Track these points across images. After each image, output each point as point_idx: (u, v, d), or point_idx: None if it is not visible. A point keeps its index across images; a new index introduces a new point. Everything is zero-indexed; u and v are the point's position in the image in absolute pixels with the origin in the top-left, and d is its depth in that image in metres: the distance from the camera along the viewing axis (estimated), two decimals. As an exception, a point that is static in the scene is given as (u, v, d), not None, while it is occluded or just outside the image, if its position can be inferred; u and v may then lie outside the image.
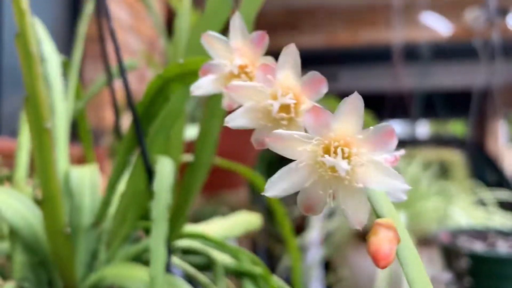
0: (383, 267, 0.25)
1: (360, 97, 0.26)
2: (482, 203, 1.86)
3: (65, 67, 0.75)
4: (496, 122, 5.98)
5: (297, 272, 0.82)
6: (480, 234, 1.20)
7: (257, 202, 3.59)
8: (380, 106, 3.02)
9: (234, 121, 0.30)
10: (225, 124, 0.30)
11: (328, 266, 2.20)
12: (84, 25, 0.75)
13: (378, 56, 3.76)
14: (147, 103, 0.46)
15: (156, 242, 0.42)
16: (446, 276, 1.08)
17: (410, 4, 3.08)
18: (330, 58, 4.56)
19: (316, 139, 0.27)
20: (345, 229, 1.88)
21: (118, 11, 2.22)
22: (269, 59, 0.33)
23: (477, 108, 2.38)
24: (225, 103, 0.34)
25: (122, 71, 0.52)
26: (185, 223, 0.57)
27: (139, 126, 0.48)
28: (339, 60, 4.68)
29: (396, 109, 3.03)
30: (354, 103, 0.26)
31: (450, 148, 2.99)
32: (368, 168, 0.26)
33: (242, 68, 0.33)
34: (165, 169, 0.47)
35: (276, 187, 0.28)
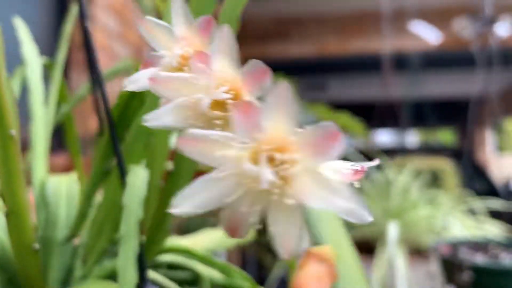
0: None
1: (289, 86, 0.20)
2: (472, 212, 1.85)
3: (49, 69, 0.72)
4: (484, 130, 6.02)
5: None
6: (480, 245, 1.17)
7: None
8: (370, 115, 3.01)
9: (157, 120, 0.26)
10: (143, 123, 0.25)
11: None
12: (69, 27, 0.72)
13: (368, 65, 3.77)
14: (122, 107, 0.43)
15: (124, 261, 0.38)
16: (449, 290, 1.05)
17: (399, 13, 3.09)
18: (319, 67, 4.56)
19: (241, 142, 0.21)
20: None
21: (106, 18, 2.20)
22: None
23: (472, 116, 2.38)
24: (163, 103, 0.28)
25: (97, 75, 0.49)
26: (167, 236, 0.53)
27: (114, 132, 0.45)
28: (328, 69, 4.69)
29: (386, 118, 3.03)
30: (283, 94, 0.20)
31: (440, 156, 2.99)
32: (305, 180, 0.21)
33: (185, 59, 0.28)
34: (137, 180, 0.43)
35: (187, 202, 0.22)
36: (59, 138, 0.82)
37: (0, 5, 1.52)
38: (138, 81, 0.29)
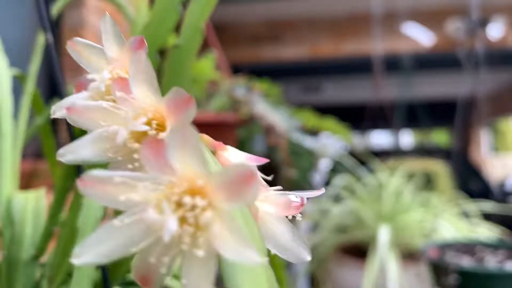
0: None
1: (190, 126, 0.18)
2: (466, 214, 1.84)
3: (22, 81, 0.69)
4: (479, 131, 6.03)
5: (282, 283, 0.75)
6: (467, 247, 1.16)
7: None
8: (364, 117, 3.00)
9: (72, 153, 0.23)
10: (58, 158, 0.23)
11: (312, 280, 2.14)
12: (42, 38, 0.69)
13: (361, 67, 3.76)
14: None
15: (78, 285, 0.35)
16: (435, 292, 1.04)
17: (391, 15, 3.09)
18: (313, 69, 4.55)
19: (153, 183, 0.19)
20: (328, 244, 1.83)
21: (98, 22, 2.17)
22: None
23: (462, 117, 2.37)
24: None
25: (60, 89, 0.47)
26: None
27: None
28: (322, 71, 4.68)
29: (379, 120, 3.02)
30: (185, 133, 0.18)
31: (434, 158, 2.97)
32: (217, 227, 0.19)
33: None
34: (92, 201, 0.41)
35: (91, 251, 0.20)
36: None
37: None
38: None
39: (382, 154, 3.41)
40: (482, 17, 3.05)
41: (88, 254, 0.20)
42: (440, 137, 7.50)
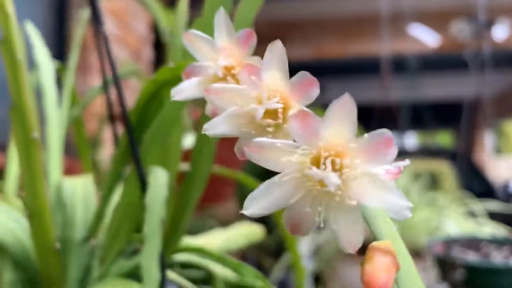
0: None
1: (351, 99, 0.22)
2: (472, 214, 1.87)
3: (60, 73, 0.73)
4: (483, 132, 6.05)
5: (300, 277, 0.79)
6: (473, 243, 1.19)
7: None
8: (369, 118, 3.03)
9: (214, 128, 0.27)
10: (204, 132, 0.27)
11: (317, 279, 2.18)
12: (81, 30, 0.73)
13: (367, 68, 3.79)
14: (140, 110, 0.45)
15: (149, 259, 0.39)
16: (441, 287, 1.07)
17: (397, 16, 3.12)
18: (318, 70, 4.58)
19: (302, 148, 0.23)
20: (334, 243, 1.86)
21: (105, 22, 2.21)
22: (257, 60, 0.29)
23: (467, 119, 2.41)
24: (208, 109, 0.30)
25: (116, 78, 0.51)
26: (183, 236, 0.55)
27: (132, 135, 0.46)
28: (327, 72, 4.71)
29: (384, 121, 3.05)
30: (345, 106, 0.22)
31: (438, 159, 3.00)
32: (363, 182, 0.23)
33: (228, 69, 0.30)
34: (159, 181, 0.45)
35: (256, 204, 0.24)
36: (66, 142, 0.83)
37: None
38: (184, 91, 0.31)
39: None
40: (487, 19, 3.08)
41: (254, 207, 0.24)
42: (443, 138, 7.52)
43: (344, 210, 0.23)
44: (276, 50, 0.26)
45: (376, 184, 0.22)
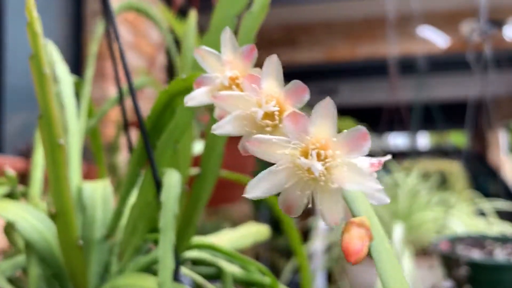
0: (354, 262, 0.26)
1: (332, 101, 0.28)
2: (481, 213, 1.88)
3: (77, 87, 0.78)
4: (497, 132, 6.01)
5: (306, 278, 0.83)
6: (477, 241, 1.22)
7: (260, 215, 3.61)
8: (380, 119, 3.05)
9: (221, 128, 0.32)
10: (212, 131, 0.32)
11: (329, 278, 2.20)
12: (95, 45, 0.78)
13: (377, 69, 3.81)
14: (155, 118, 0.49)
15: (164, 250, 0.44)
16: (447, 284, 1.10)
17: (406, 18, 3.14)
18: (329, 72, 4.62)
19: (293, 142, 0.28)
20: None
21: (119, 29, 2.27)
22: (258, 71, 0.34)
23: (473, 119, 2.41)
24: (216, 113, 0.35)
25: (131, 89, 0.56)
26: (194, 234, 0.59)
27: (147, 140, 0.51)
28: (338, 74, 4.74)
29: (395, 122, 3.06)
30: (327, 107, 0.28)
31: (451, 159, 3.01)
32: (342, 169, 0.28)
33: (233, 79, 0.35)
34: (172, 180, 0.50)
35: (257, 188, 0.29)
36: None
37: (17, 21, 1.60)
38: (195, 98, 0.36)
39: (399, 156, 3.45)
40: (497, 19, 3.08)
41: (256, 190, 0.29)
42: (457, 138, 7.48)
43: (328, 193, 0.28)
44: (273, 63, 0.32)
45: (354, 171, 0.28)
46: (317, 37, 4.24)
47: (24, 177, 0.78)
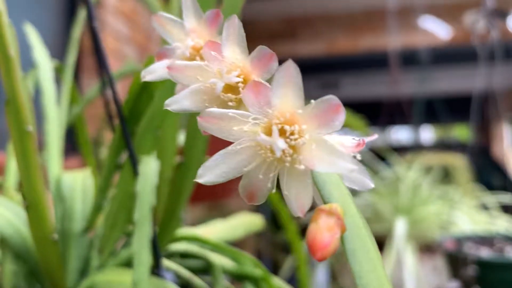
0: (319, 259, 0.22)
1: (294, 65, 0.23)
2: (485, 207, 1.84)
3: (60, 72, 0.75)
4: (501, 125, 5.95)
5: (303, 275, 0.80)
6: (486, 240, 1.17)
7: (261, 210, 3.58)
8: (385, 112, 3.01)
9: (177, 103, 0.27)
10: (165, 107, 0.28)
11: (330, 273, 2.17)
12: (78, 31, 0.75)
13: (380, 62, 3.76)
14: (132, 102, 0.46)
15: (139, 244, 0.40)
16: (453, 285, 1.05)
17: (408, 9, 3.09)
18: (330, 65, 4.56)
19: (254, 117, 0.24)
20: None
21: (115, 23, 2.24)
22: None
23: (478, 112, 2.37)
24: (177, 89, 0.31)
25: (107, 72, 0.52)
26: (178, 225, 0.56)
27: (125, 127, 0.47)
28: (340, 67, 4.69)
29: (397, 115, 3.02)
30: (289, 72, 0.23)
31: (455, 152, 2.96)
32: (312, 148, 0.23)
33: (196, 49, 0.30)
34: (148, 169, 0.46)
35: (212, 171, 0.25)
36: (73, 142, 0.85)
37: (11, 11, 1.56)
38: (154, 72, 0.31)
39: (402, 149, 3.41)
40: (501, 9, 3.03)
41: (209, 175, 0.25)
42: (461, 132, 7.42)
43: (295, 176, 0.24)
44: (232, 25, 0.27)
45: (324, 149, 0.23)
46: (317, 29, 4.19)
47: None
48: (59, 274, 0.52)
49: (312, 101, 0.23)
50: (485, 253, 1.04)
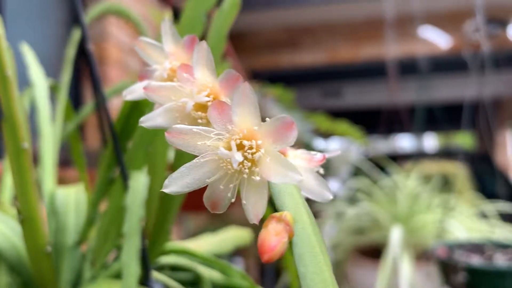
0: (267, 260, 0.24)
1: (249, 87, 0.25)
2: (483, 215, 1.85)
3: (55, 91, 0.77)
4: (504, 133, 5.94)
5: (294, 282, 0.81)
6: (477, 247, 1.18)
7: (262, 220, 3.57)
8: (388, 120, 3.02)
9: (151, 120, 0.30)
10: (140, 124, 0.30)
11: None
12: (72, 50, 0.77)
13: (381, 70, 3.78)
14: (123, 119, 0.48)
15: (128, 256, 0.42)
16: (445, 291, 1.07)
17: (407, 18, 3.11)
18: (332, 74, 4.59)
19: (216, 133, 0.26)
20: (345, 245, 1.87)
21: (119, 34, 2.27)
22: None
23: (472, 120, 2.38)
24: (155, 107, 0.33)
25: (99, 91, 0.54)
26: (168, 238, 0.58)
27: (117, 143, 0.49)
28: (341, 76, 4.71)
29: (394, 123, 3.03)
30: (245, 94, 0.25)
31: (458, 160, 2.97)
32: (267, 161, 0.26)
33: (173, 71, 0.32)
34: (137, 184, 0.48)
35: (177, 182, 0.27)
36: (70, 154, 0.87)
37: (12, 28, 1.59)
38: (135, 92, 0.34)
39: (404, 158, 3.41)
40: (501, 18, 3.05)
41: (174, 186, 0.27)
42: (464, 139, 7.42)
43: (253, 187, 0.26)
44: (201, 50, 0.29)
45: (277, 162, 0.26)
46: (319, 39, 4.22)
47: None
48: (52, 285, 0.54)
49: (267, 118, 0.26)
50: (475, 260, 1.06)
